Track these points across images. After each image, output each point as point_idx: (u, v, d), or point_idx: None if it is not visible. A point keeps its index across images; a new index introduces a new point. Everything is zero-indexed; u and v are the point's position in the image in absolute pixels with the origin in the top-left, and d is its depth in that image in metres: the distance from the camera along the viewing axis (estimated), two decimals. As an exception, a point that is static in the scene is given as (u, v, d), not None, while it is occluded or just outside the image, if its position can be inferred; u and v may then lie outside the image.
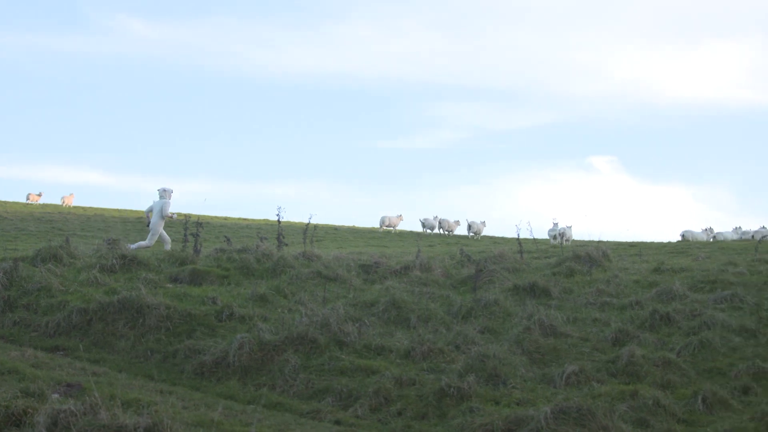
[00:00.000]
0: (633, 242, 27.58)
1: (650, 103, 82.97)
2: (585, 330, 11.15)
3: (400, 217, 38.67)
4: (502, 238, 33.97)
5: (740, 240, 29.79)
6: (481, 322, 11.39)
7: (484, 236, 35.53)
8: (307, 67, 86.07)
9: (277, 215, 17.71)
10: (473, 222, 36.92)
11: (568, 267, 15.11)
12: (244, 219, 41.32)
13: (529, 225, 17.37)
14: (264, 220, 39.46)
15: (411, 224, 40.96)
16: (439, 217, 38.05)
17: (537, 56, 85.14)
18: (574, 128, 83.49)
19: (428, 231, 37.84)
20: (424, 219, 38.49)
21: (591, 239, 20.14)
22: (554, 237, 30.35)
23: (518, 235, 18.17)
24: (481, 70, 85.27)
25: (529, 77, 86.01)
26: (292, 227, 29.48)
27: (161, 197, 17.92)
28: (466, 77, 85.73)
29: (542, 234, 31.50)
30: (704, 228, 33.16)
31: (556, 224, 30.69)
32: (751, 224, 40.53)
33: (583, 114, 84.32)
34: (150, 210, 17.81)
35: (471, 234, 36.05)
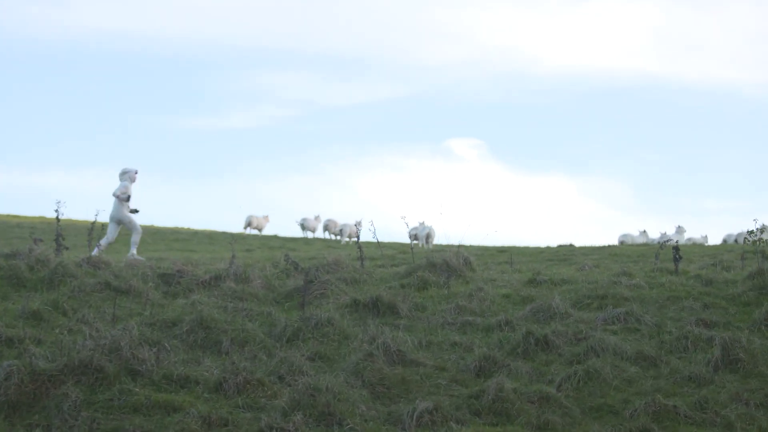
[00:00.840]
0: (503, 247, 26.31)
1: (524, 74, 73.59)
2: (442, 357, 10.53)
3: (266, 218, 36.35)
4: (337, 242, 31.83)
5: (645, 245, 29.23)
6: (311, 347, 10.68)
7: (318, 238, 33.31)
8: (86, 24, 73.13)
9: (56, 211, 16.79)
10: (306, 219, 35.42)
11: (420, 278, 14.09)
12: (15, 216, 38.21)
13: (372, 225, 15.58)
14: (40, 217, 37.35)
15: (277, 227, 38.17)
16: (322, 217, 35.59)
17: (388, 15, 75.58)
18: (430, 104, 73.64)
19: (309, 234, 35.48)
20: (303, 219, 35.52)
21: (450, 243, 18.51)
22: (416, 237, 29.41)
23: (357, 237, 16.89)
24: (315, 31, 75.02)
25: (375, 41, 76.17)
26: (75, 227, 27.36)
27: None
28: (295, 40, 75.39)
29: (390, 236, 30.60)
30: (641, 231, 32.99)
31: (422, 223, 29.54)
32: (653, 227, 38.44)
33: (440, 87, 74.50)
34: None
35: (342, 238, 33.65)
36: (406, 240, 29.98)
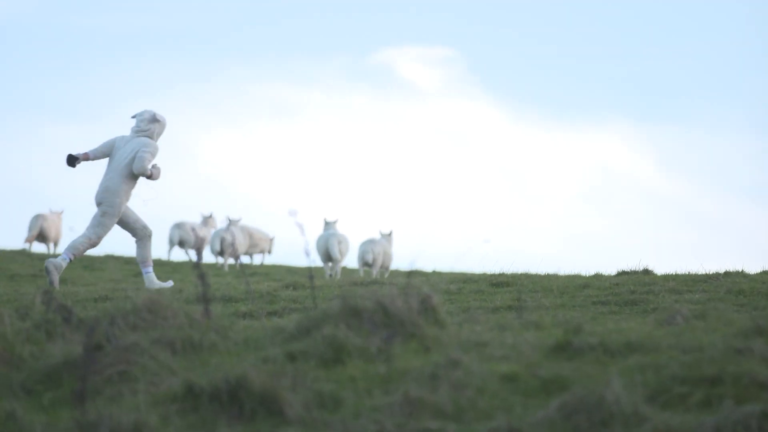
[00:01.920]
0: (503, 274, 16.70)
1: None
2: None
3: (60, 215, 27.05)
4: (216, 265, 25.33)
5: None
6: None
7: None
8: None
9: None
10: (181, 225, 26.97)
11: (330, 340, 8.85)
12: None
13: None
14: None
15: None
16: (213, 216, 26.67)
17: None
18: None
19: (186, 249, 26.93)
20: (179, 223, 26.63)
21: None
22: (363, 259, 21.53)
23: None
24: None
25: None
26: None
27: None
28: None
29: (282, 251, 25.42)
30: None
31: (387, 234, 22.93)
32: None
33: None
34: None
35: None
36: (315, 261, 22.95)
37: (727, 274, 15.25)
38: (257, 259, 28.33)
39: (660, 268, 16.89)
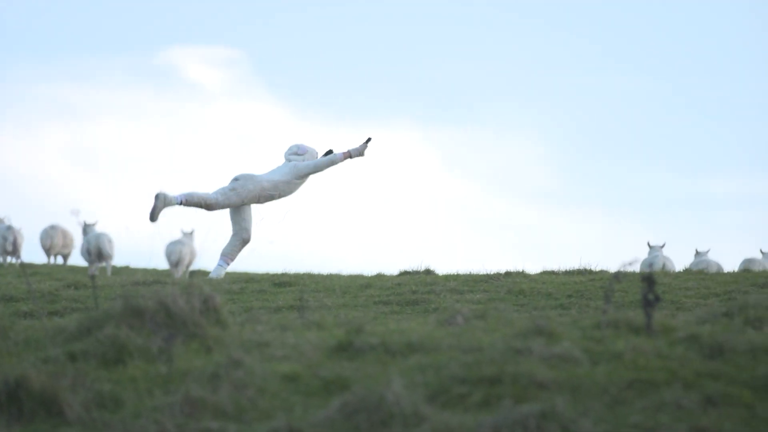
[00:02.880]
0: (286, 274, 16.66)
1: None
2: None
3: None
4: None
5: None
6: None
7: None
8: None
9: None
10: None
11: (111, 340, 8.71)
12: None
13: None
14: None
15: None
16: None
17: None
18: None
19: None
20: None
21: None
22: (170, 260, 22.53)
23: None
24: None
25: None
26: None
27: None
28: None
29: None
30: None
31: (187, 233, 22.49)
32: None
33: None
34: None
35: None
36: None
37: (507, 274, 15.60)
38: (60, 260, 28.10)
39: (442, 269, 17.23)
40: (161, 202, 14.90)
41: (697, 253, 20.54)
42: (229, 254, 15.31)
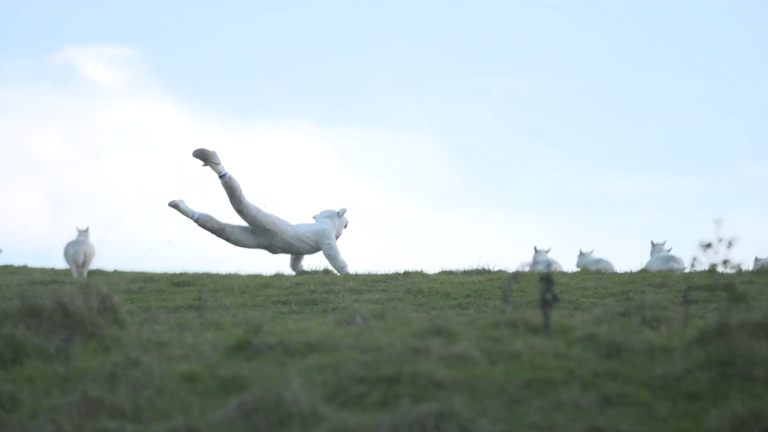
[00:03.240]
0: (185, 273, 16.74)
1: None
2: None
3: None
4: None
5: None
6: None
7: None
8: None
9: None
10: None
11: (9, 339, 8.65)
12: None
13: None
14: None
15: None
16: None
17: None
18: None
19: None
20: None
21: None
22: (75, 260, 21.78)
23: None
24: None
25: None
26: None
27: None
28: None
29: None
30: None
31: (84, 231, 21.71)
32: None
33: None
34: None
35: None
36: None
37: (406, 274, 15.67)
38: None
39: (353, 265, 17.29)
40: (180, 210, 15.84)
41: (581, 254, 20.90)
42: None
